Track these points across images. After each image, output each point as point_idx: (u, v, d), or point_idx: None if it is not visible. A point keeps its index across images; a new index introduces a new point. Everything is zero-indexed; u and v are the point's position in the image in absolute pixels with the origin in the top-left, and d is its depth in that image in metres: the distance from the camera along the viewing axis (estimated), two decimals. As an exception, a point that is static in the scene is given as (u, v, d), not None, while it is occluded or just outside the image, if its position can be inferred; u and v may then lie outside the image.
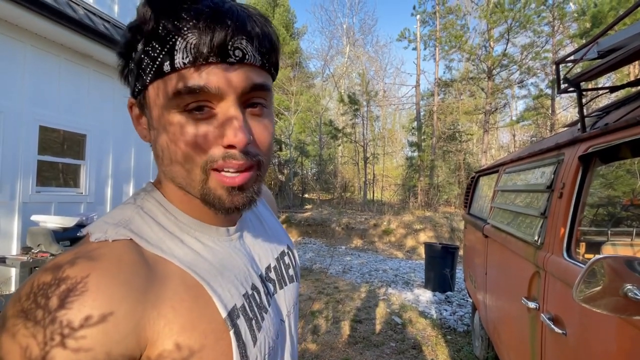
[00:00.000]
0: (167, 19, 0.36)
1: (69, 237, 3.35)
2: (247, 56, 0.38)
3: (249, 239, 0.54)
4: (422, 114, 17.03)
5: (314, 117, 19.13)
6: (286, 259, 0.60)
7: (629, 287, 0.73)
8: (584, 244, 1.82)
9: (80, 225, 3.40)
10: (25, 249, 3.41)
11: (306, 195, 18.73)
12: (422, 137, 16.42)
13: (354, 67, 22.16)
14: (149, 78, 0.38)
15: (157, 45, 0.37)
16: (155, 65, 0.37)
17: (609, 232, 1.99)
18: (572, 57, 1.52)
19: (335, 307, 4.35)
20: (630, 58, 1.26)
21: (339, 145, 19.61)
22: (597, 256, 0.76)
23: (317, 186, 18.14)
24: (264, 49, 0.40)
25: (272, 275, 0.55)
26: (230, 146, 0.38)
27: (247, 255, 0.51)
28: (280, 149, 18.91)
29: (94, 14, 4.22)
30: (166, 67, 0.37)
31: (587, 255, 1.69)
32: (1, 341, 0.32)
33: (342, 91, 19.04)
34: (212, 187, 0.40)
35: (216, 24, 0.36)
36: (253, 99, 0.41)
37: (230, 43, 0.37)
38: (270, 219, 0.64)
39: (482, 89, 14.95)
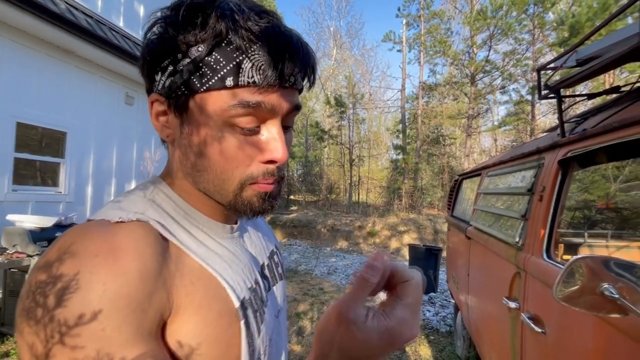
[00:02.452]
0: (238, 36, 0.38)
1: (47, 237, 3.24)
2: (297, 82, 0.42)
3: (246, 237, 0.56)
4: (407, 117, 17.26)
5: (300, 118, 19.14)
6: (275, 257, 0.63)
7: (605, 286, 0.76)
8: (562, 245, 1.89)
9: (59, 226, 3.29)
10: (0, 250, 3.28)
11: (292, 197, 18.68)
12: (407, 141, 16.64)
13: (340, 69, 22.31)
14: (204, 87, 0.39)
15: (221, 59, 0.38)
16: (216, 77, 0.38)
17: (586, 234, 2.07)
18: (552, 65, 1.57)
19: (320, 308, 4.35)
20: (607, 67, 1.32)
21: (325, 147, 19.67)
22: (576, 256, 0.79)
23: (302, 188, 18.13)
24: (309, 77, 0.45)
25: (267, 272, 0.57)
26: (271, 161, 0.42)
27: (247, 253, 0.53)
28: (266, 150, 18.78)
29: (76, 8, 4.11)
30: (229, 82, 0.38)
31: (565, 257, 1.75)
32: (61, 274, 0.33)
33: (329, 93, 19.11)
34: (246, 196, 0.43)
35: (286, 55, 0.39)
36: (288, 118, 0.44)
37: (292, 74, 0.40)
38: (259, 220, 0.66)
39: (465, 94, 15.27)
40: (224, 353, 0.41)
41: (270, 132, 0.41)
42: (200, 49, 0.38)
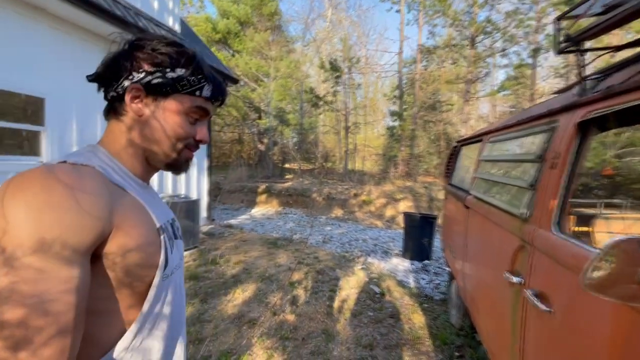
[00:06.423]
0: (204, 73, 0.71)
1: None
2: (219, 102, 0.77)
3: (155, 197, 0.78)
4: (404, 82, 16.75)
5: (294, 84, 18.51)
6: (175, 223, 0.82)
7: (645, 273, 0.63)
8: (573, 217, 1.76)
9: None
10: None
11: (287, 165, 18.51)
12: (404, 107, 16.25)
13: (335, 32, 21.33)
14: (183, 90, 0.69)
15: (194, 79, 0.70)
16: (190, 88, 0.69)
17: (601, 204, 1.92)
18: (573, 13, 1.37)
19: (315, 277, 4.32)
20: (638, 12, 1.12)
21: (320, 114, 19.21)
22: (612, 239, 0.65)
23: (297, 156, 17.89)
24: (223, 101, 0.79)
25: (170, 226, 0.75)
26: (200, 141, 0.73)
27: (159, 203, 0.77)
28: (260, 117, 18.32)
29: (40, -42, 3.69)
30: (197, 92, 0.70)
31: (576, 229, 1.63)
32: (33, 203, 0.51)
33: (324, 57, 18.38)
34: (182, 157, 0.73)
35: (223, 90, 0.76)
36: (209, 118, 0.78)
37: (222, 100, 0.77)
38: (158, 197, 0.87)
39: (464, 57, 14.73)
40: (152, 254, 0.63)
41: (203, 125, 0.74)
42: (189, 72, 0.69)
